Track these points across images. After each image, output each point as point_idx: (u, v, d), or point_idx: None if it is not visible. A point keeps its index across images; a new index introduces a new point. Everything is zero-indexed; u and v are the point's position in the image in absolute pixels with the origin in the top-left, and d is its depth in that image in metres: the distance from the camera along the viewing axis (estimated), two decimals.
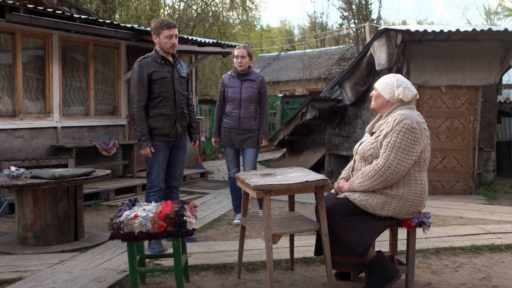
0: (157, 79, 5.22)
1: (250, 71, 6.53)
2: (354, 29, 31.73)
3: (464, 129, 8.99)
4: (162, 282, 4.43)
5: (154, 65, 5.25)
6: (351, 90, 10.77)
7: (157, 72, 5.23)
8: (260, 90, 6.53)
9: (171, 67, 5.36)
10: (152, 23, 5.33)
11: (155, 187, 5.32)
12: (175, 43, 5.27)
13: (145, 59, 5.26)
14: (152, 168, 5.33)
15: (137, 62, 5.25)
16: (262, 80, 6.56)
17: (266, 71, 31.02)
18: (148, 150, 5.20)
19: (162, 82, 5.25)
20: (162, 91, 5.25)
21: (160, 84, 5.24)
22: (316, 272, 4.66)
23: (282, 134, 13.39)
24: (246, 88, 6.44)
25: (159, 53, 5.31)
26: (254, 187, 3.80)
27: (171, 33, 5.23)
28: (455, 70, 8.86)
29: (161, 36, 5.23)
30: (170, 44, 5.25)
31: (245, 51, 6.43)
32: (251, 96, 6.43)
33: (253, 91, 6.45)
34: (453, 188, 9.04)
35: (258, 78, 6.53)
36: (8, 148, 8.00)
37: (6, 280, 4.39)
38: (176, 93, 5.35)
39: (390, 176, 3.82)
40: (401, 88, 3.98)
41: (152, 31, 5.30)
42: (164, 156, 5.36)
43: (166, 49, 5.27)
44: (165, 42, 5.23)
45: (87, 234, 5.96)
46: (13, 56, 8.14)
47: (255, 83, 6.48)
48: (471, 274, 4.58)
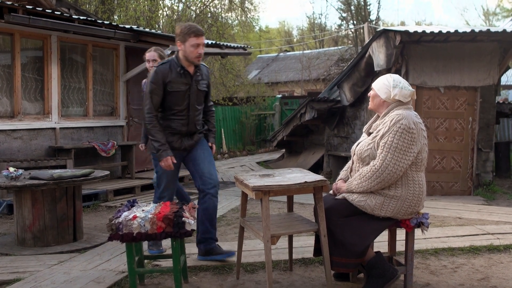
0: (171, 91, 4.75)
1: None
2: (353, 30, 31.76)
3: (463, 130, 9.00)
4: (160, 283, 4.43)
5: (171, 74, 4.73)
6: (349, 91, 10.77)
7: (173, 84, 4.74)
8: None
9: (189, 79, 4.83)
10: (178, 28, 4.74)
11: (164, 198, 4.89)
12: (201, 53, 4.74)
13: (163, 66, 4.74)
14: (161, 180, 4.94)
15: (155, 69, 4.78)
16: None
17: (265, 72, 31.04)
18: (170, 161, 4.67)
19: (176, 94, 4.77)
20: (175, 104, 4.79)
21: (174, 96, 4.77)
22: (315, 272, 4.66)
23: (281, 135, 13.39)
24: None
25: (181, 61, 4.77)
26: (252, 188, 3.80)
27: (199, 42, 4.68)
28: (453, 71, 8.86)
29: (187, 43, 4.66)
30: (196, 54, 4.70)
31: (155, 54, 6.02)
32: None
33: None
34: (452, 188, 9.04)
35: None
36: (7, 149, 7.99)
37: (4, 281, 4.38)
38: (191, 107, 4.87)
39: (387, 177, 3.82)
40: (398, 88, 3.98)
41: (176, 37, 4.72)
42: (175, 167, 4.84)
43: (191, 58, 4.72)
44: (190, 51, 4.67)
45: (86, 235, 5.96)
46: (12, 57, 8.14)
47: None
48: (469, 275, 4.59)
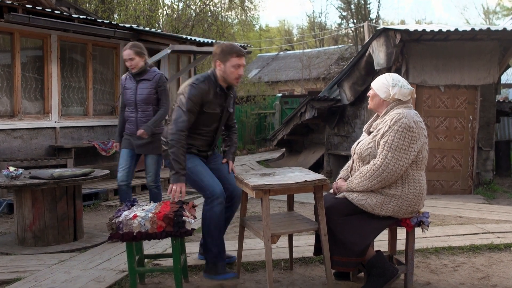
0: (206, 112, 4.41)
1: (146, 70, 5.88)
2: (353, 28, 31.76)
3: (463, 129, 8.99)
4: (161, 282, 4.43)
5: (210, 95, 4.39)
6: (350, 90, 10.76)
7: (210, 105, 4.40)
8: (158, 89, 5.87)
9: (224, 100, 4.53)
10: (218, 47, 4.43)
11: (217, 197, 4.26)
12: (241, 74, 4.46)
13: (203, 84, 4.36)
14: (202, 179, 4.35)
15: (194, 85, 4.34)
16: (159, 79, 5.87)
17: (265, 71, 31.02)
18: (183, 188, 4.21)
19: (210, 116, 4.45)
20: (205, 125, 4.47)
21: (207, 117, 4.44)
22: (315, 272, 4.66)
23: (281, 134, 13.39)
24: (142, 89, 5.84)
25: (219, 81, 4.43)
26: (253, 187, 3.80)
27: (240, 62, 4.38)
28: (453, 69, 8.86)
29: (227, 63, 4.34)
30: (236, 75, 4.40)
31: (131, 52, 5.77)
32: (147, 97, 5.84)
33: (150, 92, 5.83)
34: (452, 187, 9.04)
35: (155, 76, 5.87)
36: (7, 148, 7.99)
37: (5, 281, 4.38)
38: (218, 129, 4.63)
39: (388, 176, 3.82)
40: (397, 87, 3.97)
41: (215, 56, 4.40)
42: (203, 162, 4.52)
43: (230, 79, 4.40)
44: (231, 71, 4.36)
45: (86, 234, 5.96)
46: (12, 57, 8.13)
47: (151, 82, 5.84)
48: (470, 274, 4.58)
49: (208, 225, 4.27)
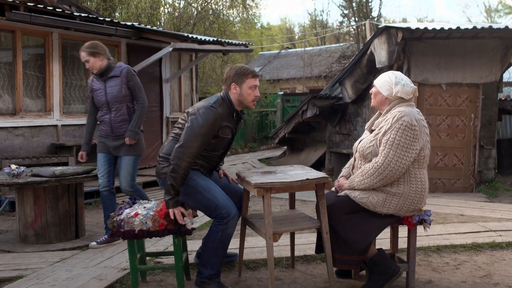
0: (220, 136, 4.16)
1: (111, 67, 5.53)
2: (355, 27, 31.71)
3: (465, 127, 8.99)
4: (163, 280, 4.43)
5: (226, 119, 4.15)
6: (351, 88, 10.76)
7: (224, 129, 4.16)
8: (128, 84, 5.46)
9: (235, 124, 4.30)
10: (231, 70, 4.20)
11: (233, 217, 4.00)
12: (258, 96, 4.24)
13: (221, 109, 4.09)
14: (217, 197, 4.03)
15: (212, 109, 4.04)
16: (127, 72, 5.48)
17: (266, 69, 31.01)
18: (181, 208, 3.95)
19: (221, 140, 4.20)
20: (214, 149, 4.22)
21: (218, 142, 4.19)
22: (317, 270, 4.66)
23: (283, 132, 13.40)
24: (111, 87, 5.47)
25: (235, 105, 4.19)
26: (254, 185, 3.80)
27: (256, 83, 4.19)
28: (455, 67, 8.86)
29: (244, 85, 4.13)
30: (253, 97, 4.18)
31: (84, 54, 5.42)
32: (118, 95, 5.45)
33: (120, 89, 5.45)
34: (454, 185, 9.03)
35: (122, 71, 5.48)
36: (9, 146, 7.99)
37: (7, 278, 4.39)
38: (224, 154, 4.43)
39: (389, 174, 3.81)
40: (400, 85, 3.96)
41: (229, 80, 4.17)
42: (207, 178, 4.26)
43: (247, 102, 4.18)
44: (248, 93, 4.14)
45: (88, 232, 5.96)
46: (13, 54, 8.13)
47: (119, 79, 5.46)
48: (472, 272, 4.58)
49: (217, 244, 4.00)
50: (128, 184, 5.43)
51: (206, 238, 4.07)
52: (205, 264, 4.02)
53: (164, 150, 4.20)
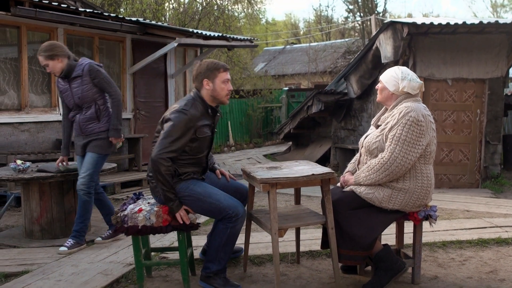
0: (199, 137, 4.04)
1: (73, 66, 5.20)
2: (360, 22, 31.64)
3: (471, 122, 8.95)
4: (168, 275, 4.44)
5: (202, 118, 4.05)
6: (357, 83, 10.73)
7: (202, 129, 4.03)
8: (94, 81, 5.18)
9: (213, 121, 4.20)
10: (201, 66, 4.12)
11: (242, 215, 3.99)
12: (231, 89, 4.19)
13: (193, 110, 3.99)
14: (219, 199, 3.97)
15: (184, 111, 3.95)
16: (89, 70, 5.16)
17: (271, 64, 30.97)
18: (185, 211, 3.95)
19: (203, 140, 4.09)
20: (199, 151, 4.11)
21: (200, 143, 4.07)
22: (322, 265, 4.65)
23: (288, 128, 13.38)
24: (76, 89, 5.19)
25: (208, 102, 4.11)
26: (260, 180, 3.79)
27: (228, 77, 4.14)
28: (461, 63, 8.82)
29: (216, 80, 4.06)
30: (227, 91, 4.12)
31: (41, 59, 5.12)
32: (85, 95, 5.18)
33: (85, 88, 5.16)
34: (460, 181, 9.01)
35: (84, 68, 5.17)
36: (14, 141, 8.01)
37: (13, 273, 4.40)
38: (210, 152, 4.33)
39: (395, 170, 3.80)
40: (406, 80, 3.95)
41: (200, 76, 4.08)
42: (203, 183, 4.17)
43: (221, 97, 4.11)
44: (221, 88, 4.08)
45: (93, 228, 5.97)
46: (19, 50, 8.14)
47: (82, 78, 5.16)
48: (477, 268, 4.57)
49: (226, 241, 3.97)
50: (85, 182, 5.15)
51: (213, 235, 4.04)
52: (212, 259, 4.01)
53: (150, 169, 4.06)
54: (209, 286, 4.02)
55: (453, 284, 4.16)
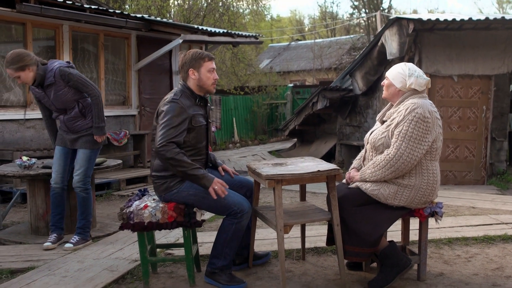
0: (195, 127, 4.05)
1: (44, 73, 5.03)
2: (365, 18, 31.53)
3: (477, 119, 8.92)
4: (173, 271, 4.44)
5: (193, 107, 4.07)
6: (362, 80, 10.71)
7: (196, 118, 4.06)
8: (68, 84, 5.07)
9: (205, 110, 4.22)
10: (185, 56, 4.15)
11: (247, 211, 3.98)
12: (217, 78, 4.21)
13: (183, 99, 4.03)
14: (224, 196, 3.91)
15: (175, 100, 3.99)
16: (61, 76, 5.03)
17: (276, 61, 30.94)
18: (221, 184, 3.90)
19: (199, 130, 4.09)
20: (197, 141, 4.09)
21: (197, 132, 4.07)
22: (327, 262, 4.65)
23: (293, 124, 13.37)
24: (53, 96, 5.09)
25: (195, 91, 4.14)
26: (265, 176, 3.79)
27: (213, 66, 4.16)
28: (467, 59, 8.79)
29: (202, 69, 4.08)
30: (212, 80, 4.13)
31: (11, 72, 4.93)
32: (64, 101, 5.12)
33: (61, 94, 5.08)
34: (465, 178, 8.98)
35: (55, 74, 5.02)
36: (20, 138, 8.03)
37: (19, 269, 4.42)
38: (208, 143, 4.29)
39: (401, 166, 3.79)
40: (413, 77, 3.93)
41: (185, 66, 4.11)
42: None
43: (207, 86, 4.13)
44: (207, 77, 4.10)
45: (99, 224, 5.98)
46: (24, 47, 8.15)
47: (56, 85, 5.04)
48: (483, 265, 4.55)
49: (231, 236, 3.96)
50: (80, 179, 5.16)
51: (219, 231, 4.03)
52: (218, 255, 4.00)
53: (155, 168, 4.07)
54: (214, 282, 4.02)
55: (459, 281, 4.15)
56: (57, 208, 5.24)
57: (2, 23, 7.95)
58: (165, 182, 4.01)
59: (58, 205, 5.24)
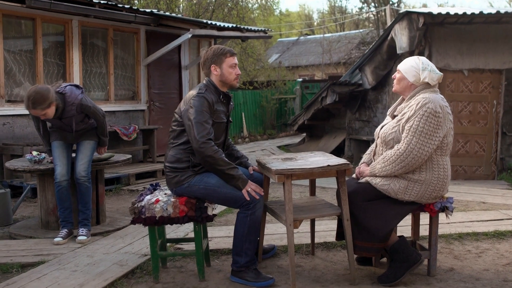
0: (215, 122, 4.07)
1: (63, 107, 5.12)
2: (374, 12, 31.38)
3: (487, 113, 8.87)
4: (183, 266, 4.45)
5: (215, 103, 4.08)
6: (371, 74, 10.67)
7: (218, 114, 4.09)
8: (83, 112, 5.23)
9: (227, 108, 4.25)
10: (208, 52, 4.16)
11: (258, 201, 3.94)
12: (239, 73, 4.23)
13: (208, 94, 4.04)
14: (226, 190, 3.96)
15: (201, 95, 4.00)
16: (81, 107, 5.17)
17: (285, 56, 30.89)
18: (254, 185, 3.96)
19: (219, 126, 4.11)
20: (215, 137, 4.07)
21: (216, 128, 4.08)
22: (337, 257, 4.64)
23: (302, 119, 13.35)
24: (69, 122, 5.22)
25: (219, 87, 4.15)
26: (275, 171, 3.78)
27: (235, 61, 4.16)
28: (478, 53, 8.73)
29: (224, 65, 4.10)
30: (235, 75, 4.15)
31: (39, 111, 4.96)
32: (78, 125, 5.27)
33: (78, 120, 5.24)
34: (475, 173, 8.94)
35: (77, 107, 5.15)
36: (30, 133, 8.06)
37: (29, 263, 4.44)
38: (226, 141, 4.34)
39: (412, 161, 3.77)
40: (427, 71, 3.91)
41: (207, 62, 4.13)
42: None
43: (230, 81, 4.14)
44: (229, 72, 4.11)
45: (109, 219, 6.00)
46: (34, 42, 8.17)
47: (76, 115, 5.19)
48: (494, 260, 4.53)
49: (248, 229, 3.93)
50: (85, 169, 5.23)
51: (235, 227, 4.01)
52: (239, 252, 3.98)
53: (168, 159, 4.09)
54: (241, 281, 3.99)
55: (469, 276, 4.13)
56: (64, 202, 5.24)
57: (12, 19, 7.96)
58: (176, 175, 4.01)
59: (66, 199, 5.24)
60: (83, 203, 5.28)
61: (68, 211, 5.28)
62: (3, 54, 7.71)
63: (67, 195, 5.25)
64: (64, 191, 5.22)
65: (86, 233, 5.19)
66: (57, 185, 5.18)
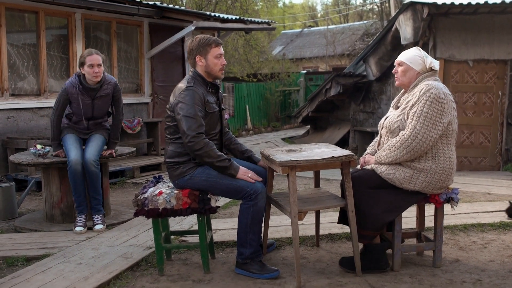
0: (209, 113, 4.04)
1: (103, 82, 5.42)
2: (378, 3, 31.23)
3: (492, 104, 8.83)
4: (187, 258, 4.44)
5: (205, 95, 4.03)
6: (375, 66, 10.63)
7: (209, 104, 4.05)
8: (113, 97, 5.59)
9: (217, 97, 4.22)
10: (193, 43, 4.10)
11: (260, 191, 3.91)
12: (225, 64, 4.18)
13: (196, 86, 4.01)
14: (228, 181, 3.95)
15: (190, 88, 3.98)
16: (115, 87, 5.54)
17: (289, 48, 30.82)
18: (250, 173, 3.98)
19: (212, 116, 4.09)
20: (211, 128, 4.09)
21: (210, 119, 4.07)
22: (342, 248, 4.63)
23: (306, 111, 13.33)
24: (98, 105, 5.50)
25: (206, 78, 4.12)
26: (279, 163, 3.76)
27: (221, 52, 4.10)
28: (482, 43, 8.68)
29: (209, 56, 4.04)
30: (220, 66, 4.09)
31: (99, 57, 5.28)
32: (103, 112, 5.59)
33: (106, 106, 5.57)
34: (480, 164, 8.91)
35: (113, 87, 5.53)
36: (34, 126, 8.07)
37: (34, 257, 4.44)
38: (222, 130, 4.30)
39: (417, 146, 3.75)
40: (429, 58, 3.96)
41: (192, 53, 4.08)
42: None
43: (215, 72, 4.09)
44: (214, 63, 4.06)
45: (113, 211, 6.00)
46: (37, 36, 8.17)
47: (108, 96, 5.51)
48: (500, 251, 4.51)
49: (251, 220, 3.91)
50: (96, 155, 5.30)
51: (238, 218, 4.00)
52: (243, 243, 3.96)
53: (168, 154, 4.09)
54: (246, 273, 3.97)
55: (474, 267, 4.12)
56: (79, 186, 5.28)
57: (15, 12, 7.96)
58: (179, 167, 4.01)
59: (80, 183, 5.28)
60: (94, 188, 5.35)
61: (83, 195, 5.34)
62: (7, 48, 7.71)
63: (82, 179, 5.30)
64: (79, 175, 5.25)
65: (102, 220, 5.33)
66: (71, 171, 5.21)
